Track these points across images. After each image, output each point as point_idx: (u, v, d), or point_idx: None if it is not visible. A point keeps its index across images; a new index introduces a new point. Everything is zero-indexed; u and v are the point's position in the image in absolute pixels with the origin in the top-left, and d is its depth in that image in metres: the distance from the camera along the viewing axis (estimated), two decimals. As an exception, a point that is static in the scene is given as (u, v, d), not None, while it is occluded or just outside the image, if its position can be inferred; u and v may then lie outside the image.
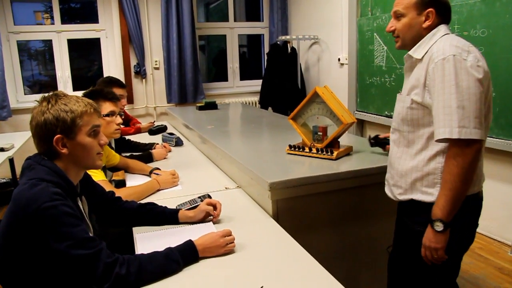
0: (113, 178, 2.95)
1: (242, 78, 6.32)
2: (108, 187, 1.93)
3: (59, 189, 1.28)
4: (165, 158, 2.91)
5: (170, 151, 3.09)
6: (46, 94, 1.39)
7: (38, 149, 1.39)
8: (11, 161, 3.72)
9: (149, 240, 1.61)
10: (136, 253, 1.52)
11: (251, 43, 6.70)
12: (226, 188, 2.22)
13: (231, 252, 1.49)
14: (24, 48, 5.41)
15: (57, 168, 1.35)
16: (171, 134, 3.39)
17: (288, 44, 5.56)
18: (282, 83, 5.46)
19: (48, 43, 5.34)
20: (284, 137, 2.71)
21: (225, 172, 2.49)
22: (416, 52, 1.55)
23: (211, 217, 1.77)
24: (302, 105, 2.25)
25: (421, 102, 1.50)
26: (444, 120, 1.39)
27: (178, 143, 3.30)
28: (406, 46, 1.60)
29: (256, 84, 6.08)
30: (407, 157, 1.59)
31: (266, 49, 6.22)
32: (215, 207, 1.77)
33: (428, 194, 1.54)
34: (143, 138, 3.64)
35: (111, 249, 1.32)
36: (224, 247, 1.48)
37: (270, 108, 5.67)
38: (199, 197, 1.94)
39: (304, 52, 5.77)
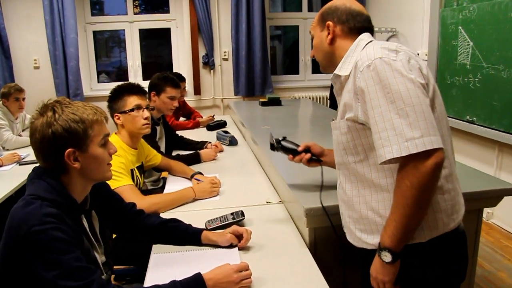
0: (162, 176, 2.87)
1: (314, 71, 6.00)
2: (133, 194, 1.81)
3: (55, 209, 1.15)
4: (214, 159, 2.76)
5: (222, 150, 2.94)
6: (47, 102, 1.25)
7: (44, 164, 1.25)
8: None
9: (162, 265, 1.46)
10: (146, 277, 1.38)
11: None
12: (267, 202, 2.01)
13: (246, 289, 1.29)
14: (104, 36, 5.58)
15: (57, 184, 1.22)
16: (226, 132, 3.23)
17: (364, 37, 5.15)
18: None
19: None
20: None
21: (272, 182, 2.27)
22: (342, 69, 1.30)
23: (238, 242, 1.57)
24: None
25: (358, 121, 1.23)
26: (387, 137, 1.11)
27: (232, 142, 3.13)
28: (326, 68, 1.41)
29: (328, 78, 5.70)
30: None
31: (341, 41, 5.83)
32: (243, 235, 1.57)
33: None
34: (201, 133, 3.54)
35: (126, 263, 1.16)
36: (238, 283, 1.28)
37: (340, 105, 5.32)
38: (231, 214, 1.76)
39: (381, 45, 5.32)
